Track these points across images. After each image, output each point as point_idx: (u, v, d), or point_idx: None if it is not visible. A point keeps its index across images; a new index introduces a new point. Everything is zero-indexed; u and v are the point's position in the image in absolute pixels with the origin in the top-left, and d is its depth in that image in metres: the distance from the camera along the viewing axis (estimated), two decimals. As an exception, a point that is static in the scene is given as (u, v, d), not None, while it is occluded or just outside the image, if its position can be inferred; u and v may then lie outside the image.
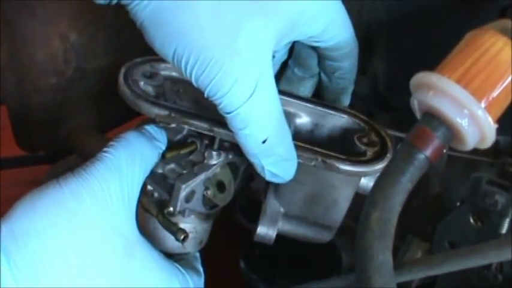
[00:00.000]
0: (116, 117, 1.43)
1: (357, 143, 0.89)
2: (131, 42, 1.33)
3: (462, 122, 0.73)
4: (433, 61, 0.76)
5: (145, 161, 0.84)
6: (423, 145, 0.73)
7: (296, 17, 0.83)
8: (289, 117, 0.93)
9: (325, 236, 0.96)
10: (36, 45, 1.25)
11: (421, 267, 0.77)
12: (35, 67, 1.28)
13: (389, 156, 0.87)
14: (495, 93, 0.73)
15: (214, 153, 0.89)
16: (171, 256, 0.90)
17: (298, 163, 0.87)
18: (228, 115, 0.80)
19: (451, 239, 0.97)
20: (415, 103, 0.77)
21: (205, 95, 0.80)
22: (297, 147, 0.87)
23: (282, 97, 0.93)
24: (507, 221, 0.91)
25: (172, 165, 0.90)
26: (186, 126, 0.88)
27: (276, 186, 0.93)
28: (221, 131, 0.86)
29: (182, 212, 0.90)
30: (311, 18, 0.85)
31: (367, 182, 0.92)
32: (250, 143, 0.82)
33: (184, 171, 0.89)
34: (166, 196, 0.89)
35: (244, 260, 1.20)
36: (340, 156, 0.86)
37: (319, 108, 0.94)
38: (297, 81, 0.97)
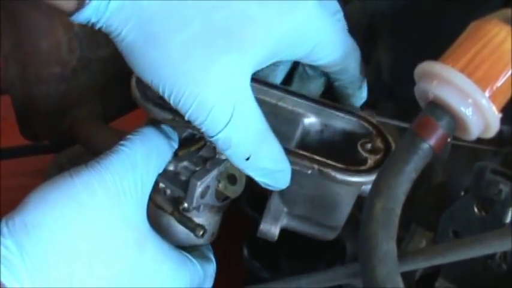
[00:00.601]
0: (119, 107, 1.43)
1: (360, 150, 0.89)
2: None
3: (466, 111, 0.73)
4: (436, 50, 0.76)
5: (161, 157, 0.85)
6: (427, 134, 0.73)
7: (275, 46, 0.82)
8: (298, 117, 0.94)
9: (329, 235, 0.96)
10: (40, 35, 1.25)
11: (425, 256, 0.77)
12: (39, 57, 1.28)
13: None
14: (499, 83, 0.72)
15: None
16: (184, 248, 0.90)
17: (298, 170, 0.87)
18: (210, 139, 0.81)
19: (455, 229, 0.97)
20: (419, 92, 0.77)
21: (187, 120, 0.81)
22: (294, 154, 0.87)
23: (292, 97, 0.94)
24: (511, 210, 0.91)
25: (185, 163, 0.90)
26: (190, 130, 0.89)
27: None
28: None
29: (197, 208, 0.90)
30: (292, 44, 0.84)
31: (369, 187, 0.92)
32: (235, 161, 0.83)
33: (198, 168, 0.90)
34: (181, 193, 0.89)
35: (248, 248, 1.20)
36: (338, 165, 0.86)
37: (328, 109, 0.94)
38: (308, 79, 0.97)
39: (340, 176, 0.85)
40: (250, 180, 0.91)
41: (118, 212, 0.78)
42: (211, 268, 0.91)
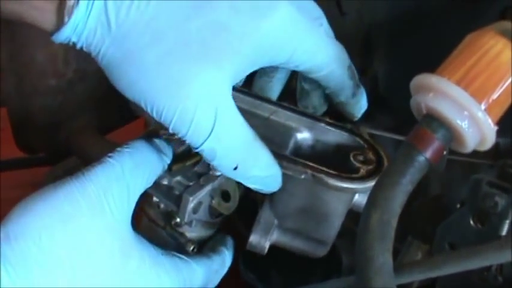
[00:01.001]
0: (116, 119, 1.43)
1: (352, 160, 0.89)
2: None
3: (462, 124, 0.73)
4: (433, 62, 0.76)
5: (150, 170, 0.85)
6: (423, 147, 0.74)
7: (252, 53, 0.82)
8: (290, 131, 0.94)
9: (320, 251, 0.96)
10: (36, 47, 1.25)
11: (421, 268, 0.77)
12: (35, 68, 1.28)
13: None
14: (495, 95, 0.73)
15: None
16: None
17: (290, 176, 0.87)
18: (196, 150, 0.81)
19: (451, 241, 0.97)
20: (415, 105, 0.77)
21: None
22: (288, 159, 0.87)
23: (284, 111, 0.95)
24: (507, 222, 0.91)
25: (178, 178, 0.91)
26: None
27: (272, 197, 0.93)
28: None
29: (189, 223, 0.91)
30: (270, 50, 0.83)
31: (361, 200, 0.92)
32: (223, 171, 0.84)
33: (191, 183, 0.90)
34: (173, 207, 0.90)
35: (243, 259, 1.20)
36: (330, 171, 0.86)
37: (319, 124, 0.95)
38: (308, 93, 0.97)
39: (332, 182, 0.85)
40: (245, 196, 0.91)
41: (101, 223, 0.79)
42: (216, 263, 0.91)
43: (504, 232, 0.91)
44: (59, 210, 0.77)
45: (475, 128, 0.73)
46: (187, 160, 0.91)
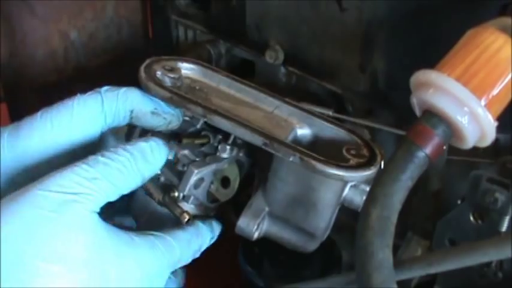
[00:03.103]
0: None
1: (344, 153, 0.89)
2: (131, 40, 1.33)
3: (462, 120, 0.73)
4: (433, 58, 0.76)
5: (124, 182, 0.84)
6: (423, 143, 0.74)
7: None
8: (291, 126, 0.96)
9: (309, 245, 0.97)
10: (36, 43, 1.25)
11: (421, 264, 0.77)
12: (35, 65, 1.28)
13: (373, 168, 0.87)
14: (495, 91, 0.73)
15: (228, 147, 0.94)
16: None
17: (282, 160, 0.89)
18: None
19: (451, 237, 0.97)
20: (415, 101, 0.77)
21: None
22: (279, 142, 0.88)
23: (288, 106, 0.97)
24: (507, 219, 0.91)
25: (186, 152, 0.94)
26: (187, 112, 0.93)
27: (264, 184, 0.94)
28: (214, 117, 0.89)
29: (187, 198, 0.93)
30: None
31: (352, 195, 0.93)
32: None
33: (197, 159, 0.94)
34: (175, 181, 0.93)
35: (243, 255, 1.20)
36: (319, 157, 0.86)
37: (321, 121, 0.95)
38: None
39: (319, 166, 0.85)
40: (241, 187, 0.93)
41: (67, 220, 0.78)
42: (189, 233, 0.92)
43: (504, 228, 0.91)
44: (21, 217, 0.76)
45: (475, 124, 0.73)
46: (197, 139, 0.95)
